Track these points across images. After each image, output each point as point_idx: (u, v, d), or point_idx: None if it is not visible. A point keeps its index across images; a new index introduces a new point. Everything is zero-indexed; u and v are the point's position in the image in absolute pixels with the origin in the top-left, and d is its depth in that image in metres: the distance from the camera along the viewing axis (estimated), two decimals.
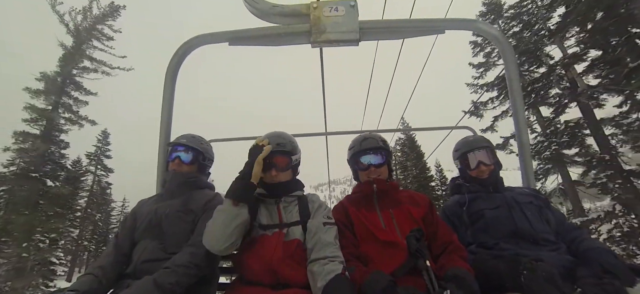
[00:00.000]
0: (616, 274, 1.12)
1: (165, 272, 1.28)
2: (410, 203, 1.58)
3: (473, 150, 1.77)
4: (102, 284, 1.36)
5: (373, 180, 1.59)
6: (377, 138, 1.69)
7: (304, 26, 1.86)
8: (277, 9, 1.88)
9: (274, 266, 1.26)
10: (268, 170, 1.49)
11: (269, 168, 1.50)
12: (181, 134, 1.83)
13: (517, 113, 1.93)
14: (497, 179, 1.74)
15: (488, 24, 1.91)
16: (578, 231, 1.49)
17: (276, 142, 1.54)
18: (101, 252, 1.53)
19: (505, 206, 1.59)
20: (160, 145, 1.96)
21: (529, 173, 1.88)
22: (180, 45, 1.95)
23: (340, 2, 1.85)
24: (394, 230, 1.46)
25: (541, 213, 1.57)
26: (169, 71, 1.96)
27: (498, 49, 1.92)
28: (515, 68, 1.90)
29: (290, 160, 1.57)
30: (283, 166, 1.54)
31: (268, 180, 1.51)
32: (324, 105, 4.44)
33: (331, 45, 1.87)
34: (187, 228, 1.51)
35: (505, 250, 1.44)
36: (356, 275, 1.26)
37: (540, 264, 1.14)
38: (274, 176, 1.50)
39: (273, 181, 1.50)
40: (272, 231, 1.39)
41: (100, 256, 1.50)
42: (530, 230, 1.48)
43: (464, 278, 1.17)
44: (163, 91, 2.00)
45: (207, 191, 1.72)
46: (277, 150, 1.52)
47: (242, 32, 1.93)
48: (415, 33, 1.96)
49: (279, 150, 1.53)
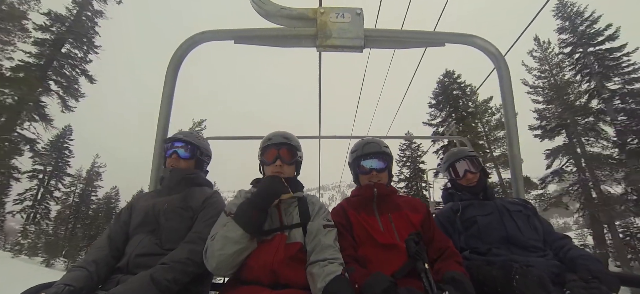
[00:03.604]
0: (602, 280, 1.20)
1: (162, 268, 1.25)
2: (409, 208, 1.62)
3: (458, 159, 1.89)
4: (93, 280, 1.32)
5: (374, 184, 1.62)
6: (380, 143, 1.73)
7: (310, 30, 1.89)
8: (285, 11, 1.90)
9: (275, 267, 1.26)
10: (273, 162, 1.52)
11: (275, 160, 1.52)
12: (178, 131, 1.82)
13: (509, 127, 2.03)
14: (485, 186, 1.84)
15: (486, 40, 2.00)
16: (565, 240, 1.58)
17: (283, 136, 1.59)
18: (92, 244, 1.47)
19: (497, 213, 1.68)
20: (157, 142, 1.91)
21: (519, 184, 1.98)
22: (185, 40, 1.92)
23: (347, 9, 1.90)
24: (392, 233, 1.49)
25: (530, 221, 1.66)
26: (171, 65, 1.92)
27: (494, 64, 2.02)
28: (509, 85, 2.00)
29: (295, 154, 1.60)
30: (288, 158, 1.57)
31: (274, 171, 1.52)
32: (319, 109, 4.47)
33: (336, 50, 1.91)
34: (184, 225, 1.49)
35: (498, 256, 1.51)
36: (355, 276, 1.27)
37: (531, 269, 1.21)
38: (278, 167, 1.52)
39: (279, 172, 1.52)
40: (272, 236, 1.38)
41: (93, 249, 1.45)
42: (520, 236, 1.56)
43: (461, 281, 1.22)
44: (163, 85, 1.96)
45: (206, 189, 1.70)
46: (283, 143, 1.56)
47: (248, 31, 1.93)
48: (416, 44, 2.03)
49: (286, 142, 1.57)
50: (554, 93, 18.03)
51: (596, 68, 16.33)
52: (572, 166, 17.05)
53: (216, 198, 1.65)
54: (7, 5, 14.67)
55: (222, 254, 1.23)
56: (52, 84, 16.93)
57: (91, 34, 18.46)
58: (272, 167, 1.54)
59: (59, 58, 16.96)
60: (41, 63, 16.28)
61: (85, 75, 18.15)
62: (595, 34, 16.92)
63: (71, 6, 17.88)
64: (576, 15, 18.08)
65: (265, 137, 1.65)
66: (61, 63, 17.24)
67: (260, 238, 1.36)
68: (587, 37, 17.08)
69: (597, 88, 16.05)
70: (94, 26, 18.61)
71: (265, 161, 1.59)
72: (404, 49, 2.14)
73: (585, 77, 17.25)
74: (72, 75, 17.71)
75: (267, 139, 1.62)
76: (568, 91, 17.85)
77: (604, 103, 15.68)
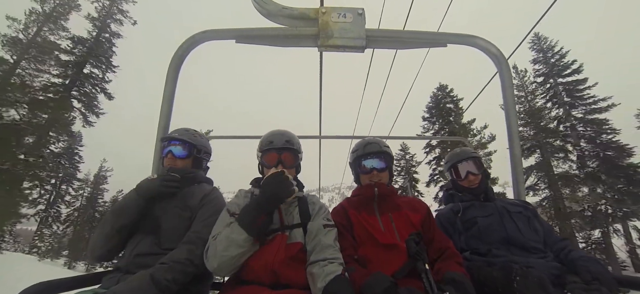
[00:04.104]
0: (602, 281, 1.20)
1: (162, 268, 1.25)
2: (409, 208, 1.62)
3: (461, 161, 1.88)
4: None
5: (374, 184, 1.62)
6: (381, 143, 1.73)
7: (312, 30, 1.89)
8: (286, 11, 1.90)
9: (275, 267, 1.25)
10: (274, 166, 1.50)
11: (276, 165, 1.51)
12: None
13: (510, 129, 2.03)
14: (487, 188, 1.83)
15: (487, 41, 2.00)
16: (566, 242, 1.58)
17: (285, 139, 1.57)
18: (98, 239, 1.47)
19: (497, 214, 1.67)
20: (158, 141, 1.91)
21: (520, 186, 1.97)
22: (186, 40, 1.92)
23: (349, 10, 1.90)
24: (393, 233, 1.49)
25: (530, 222, 1.66)
26: (172, 64, 1.92)
27: (496, 65, 2.02)
28: (511, 86, 2.00)
29: (297, 158, 1.60)
30: (290, 163, 1.56)
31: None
32: (320, 109, 4.46)
33: (337, 50, 1.91)
34: (183, 225, 1.49)
35: (498, 257, 1.51)
36: (356, 276, 1.27)
37: (531, 271, 1.21)
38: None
39: None
40: (272, 236, 1.37)
41: (104, 245, 1.44)
42: (520, 237, 1.56)
43: (461, 281, 1.22)
44: (164, 84, 1.96)
45: (205, 186, 1.69)
46: (285, 147, 1.54)
47: (249, 31, 1.93)
48: (418, 44, 2.03)
49: (288, 147, 1.55)
50: (528, 118, 20.02)
51: (564, 98, 18.87)
52: (543, 184, 19.09)
53: (215, 194, 1.64)
54: (43, 39, 16.80)
55: (225, 256, 1.22)
56: (74, 102, 18.68)
57: (109, 54, 20.12)
58: (273, 171, 1.50)
59: (82, 79, 18.65)
60: (66, 83, 17.94)
61: (105, 93, 19.83)
62: (564, 67, 19.39)
63: (91, 29, 19.73)
64: (548, 48, 20.61)
65: (265, 137, 1.62)
66: (83, 82, 18.87)
67: (263, 240, 1.35)
68: (557, 69, 19.58)
69: (564, 115, 18.62)
70: (111, 47, 20.26)
71: (265, 164, 1.57)
72: (406, 50, 2.14)
73: (555, 105, 19.51)
74: (92, 93, 19.43)
75: (268, 141, 1.58)
76: (541, 116, 19.81)
77: (569, 129, 17.96)
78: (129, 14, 20.82)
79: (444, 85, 24.01)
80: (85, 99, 18.86)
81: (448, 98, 23.23)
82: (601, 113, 17.23)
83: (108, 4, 20.02)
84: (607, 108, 17.12)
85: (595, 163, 16.46)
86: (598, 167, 16.11)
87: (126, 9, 20.69)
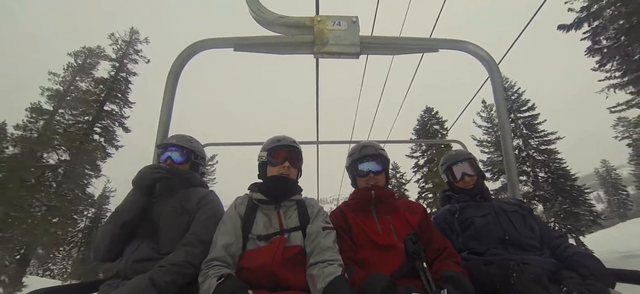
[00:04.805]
0: (598, 276, 1.23)
1: (160, 270, 1.25)
2: (406, 209, 1.64)
3: (456, 162, 1.92)
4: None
5: (371, 187, 1.64)
6: (376, 146, 1.77)
7: (307, 37, 1.94)
8: (283, 19, 1.95)
9: (274, 270, 1.26)
10: (281, 162, 1.58)
11: (283, 161, 1.58)
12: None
13: (503, 130, 2.07)
14: (482, 188, 1.86)
15: (478, 46, 2.06)
16: (562, 239, 1.61)
17: (292, 140, 1.69)
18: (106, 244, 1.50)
19: (493, 214, 1.70)
20: (156, 149, 1.93)
21: (515, 185, 2.01)
22: (185, 48, 1.95)
23: (343, 18, 1.95)
24: (391, 234, 1.50)
25: (526, 221, 1.68)
26: (171, 73, 1.95)
27: (486, 70, 2.08)
28: (501, 89, 2.06)
29: (301, 159, 1.69)
30: (296, 161, 1.65)
31: (280, 172, 1.57)
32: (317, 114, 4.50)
33: (333, 56, 1.96)
34: (181, 228, 1.50)
35: (496, 256, 1.53)
36: (355, 277, 1.28)
37: (528, 267, 1.23)
38: (286, 168, 1.58)
39: (285, 174, 1.57)
40: (270, 240, 1.38)
41: (108, 243, 1.46)
42: (517, 235, 1.58)
43: (459, 279, 1.23)
44: (163, 93, 1.98)
45: (201, 189, 1.72)
46: (292, 146, 1.65)
47: (247, 39, 1.98)
48: (411, 50, 2.09)
49: (294, 146, 1.66)
50: (494, 148, 22.20)
51: (523, 130, 21.39)
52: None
53: (211, 197, 1.66)
54: (82, 92, 19.54)
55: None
56: (96, 136, 20.36)
57: (126, 90, 21.70)
58: (279, 167, 1.58)
59: (103, 115, 20.37)
60: (90, 120, 19.73)
61: (122, 127, 21.25)
62: (522, 104, 21.98)
63: (110, 69, 21.58)
64: (509, 87, 22.78)
65: (271, 139, 1.71)
66: (102, 117, 20.48)
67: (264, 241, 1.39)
68: (516, 105, 22.03)
69: (523, 145, 21.15)
70: (128, 84, 21.85)
71: (272, 161, 1.62)
72: (399, 55, 2.19)
73: (516, 136, 21.55)
74: (111, 127, 20.89)
75: (275, 140, 1.67)
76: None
77: (527, 158, 20.46)
78: (142, 53, 22.74)
79: (430, 108, 25.91)
80: (105, 134, 20.53)
81: (434, 119, 25.30)
82: (550, 145, 20.38)
83: (124, 46, 22.15)
84: (554, 141, 20.43)
85: (547, 186, 19.29)
86: (549, 189, 18.96)
87: (140, 48, 22.69)
